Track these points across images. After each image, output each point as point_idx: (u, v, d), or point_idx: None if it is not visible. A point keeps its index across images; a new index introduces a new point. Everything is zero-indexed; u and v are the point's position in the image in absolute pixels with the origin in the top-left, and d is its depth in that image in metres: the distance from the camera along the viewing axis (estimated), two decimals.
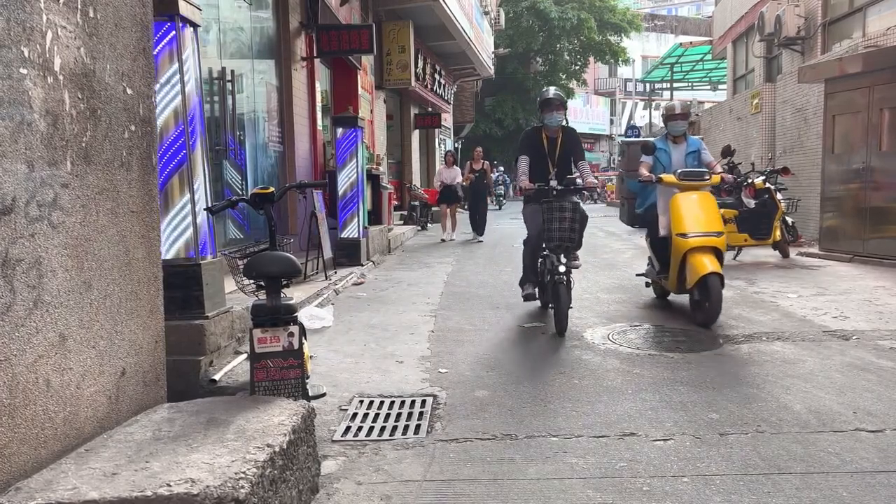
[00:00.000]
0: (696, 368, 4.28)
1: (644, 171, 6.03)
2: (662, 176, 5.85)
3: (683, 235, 5.46)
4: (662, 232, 5.88)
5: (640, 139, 7.68)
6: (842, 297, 6.53)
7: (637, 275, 6.90)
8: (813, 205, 10.61)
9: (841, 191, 9.43)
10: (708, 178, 5.82)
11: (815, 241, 10.27)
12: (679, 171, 5.81)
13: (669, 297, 6.45)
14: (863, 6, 11.11)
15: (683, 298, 6.05)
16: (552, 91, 6.00)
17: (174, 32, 3.91)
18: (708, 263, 5.28)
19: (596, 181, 6.01)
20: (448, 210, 13.55)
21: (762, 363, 4.36)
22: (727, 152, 6.42)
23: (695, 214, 5.54)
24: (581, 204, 5.58)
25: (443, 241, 13.03)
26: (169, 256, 3.91)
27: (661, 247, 5.97)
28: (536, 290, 5.91)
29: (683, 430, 3.27)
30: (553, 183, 5.48)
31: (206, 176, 4.21)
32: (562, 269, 5.19)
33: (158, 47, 3.79)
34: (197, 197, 4.04)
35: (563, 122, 5.91)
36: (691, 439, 3.16)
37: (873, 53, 9.05)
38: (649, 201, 6.24)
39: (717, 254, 5.44)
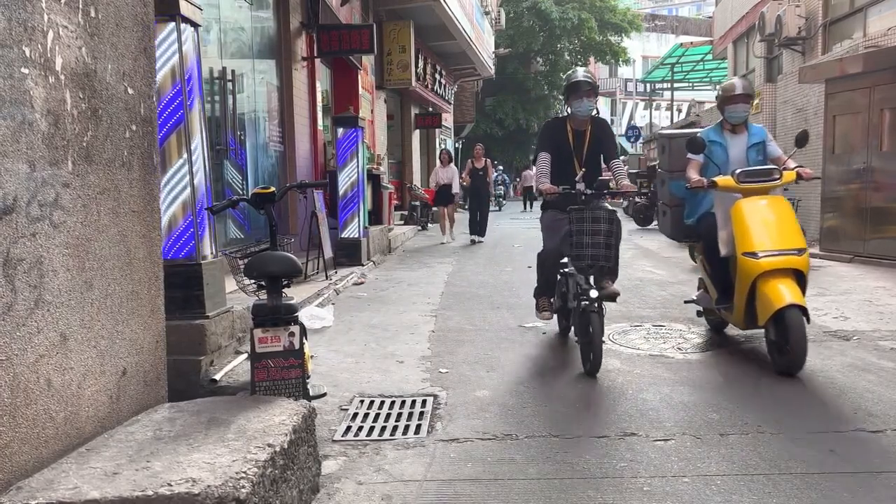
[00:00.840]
0: (697, 369, 4.29)
1: (693, 175, 4.75)
2: (717, 179, 4.55)
3: (752, 255, 4.22)
4: (724, 251, 4.60)
5: (685, 131, 5.71)
6: (842, 297, 6.53)
7: (686, 301, 5.59)
8: (813, 205, 10.60)
9: (841, 191, 9.43)
10: (777, 176, 4.49)
11: (815, 242, 10.26)
12: (738, 170, 4.53)
13: (728, 331, 5.17)
14: (863, 6, 11.11)
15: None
16: (581, 73, 4.86)
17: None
18: (785, 292, 4.05)
19: (630, 183, 4.85)
20: (445, 211, 13.19)
21: (763, 363, 4.36)
22: (802, 140, 4.86)
23: (766, 226, 4.30)
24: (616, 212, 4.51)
25: (443, 243, 12.64)
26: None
27: (722, 269, 4.72)
28: (554, 302, 4.93)
29: (684, 430, 3.27)
30: (580, 186, 4.47)
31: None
32: (593, 293, 4.18)
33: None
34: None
35: (594, 112, 4.89)
36: (692, 439, 3.16)
37: (874, 54, 9.05)
38: (703, 209, 4.95)
39: (799, 278, 4.18)
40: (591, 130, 4.87)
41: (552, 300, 4.98)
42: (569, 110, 4.88)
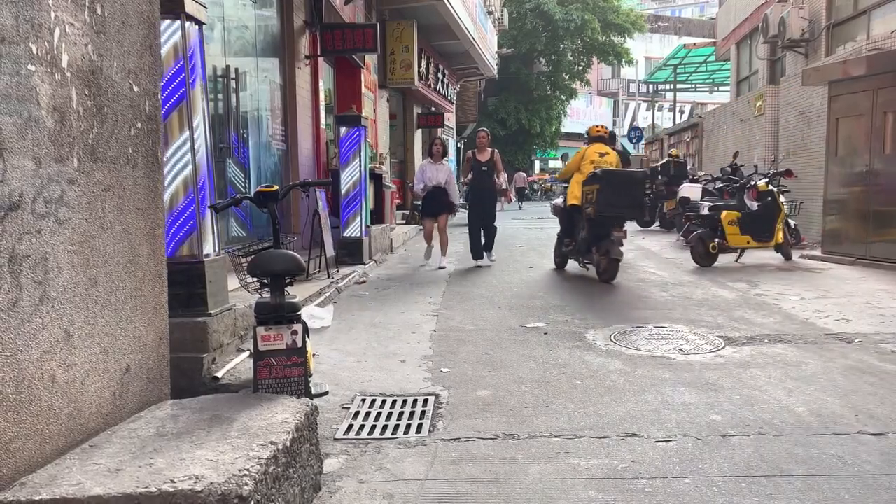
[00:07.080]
0: (698, 370, 4.29)
1: None
2: None
3: None
4: None
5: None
6: (844, 299, 6.52)
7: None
8: (816, 207, 10.60)
9: (844, 194, 9.42)
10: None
11: (817, 244, 10.25)
12: None
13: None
14: (867, 9, 11.09)
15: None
16: None
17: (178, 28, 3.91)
18: None
19: None
20: (434, 224, 9.24)
21: (764, 365, 4.36)
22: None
23: None
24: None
25: (422, 267, 9.33)
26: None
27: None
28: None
29: (685, 431, 3.28)
30: None
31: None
32: None
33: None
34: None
35: None
36: (693, 441, 3.16)
37: (877, 56, 9.04)
38: None
39: None
40: None
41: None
42: None
